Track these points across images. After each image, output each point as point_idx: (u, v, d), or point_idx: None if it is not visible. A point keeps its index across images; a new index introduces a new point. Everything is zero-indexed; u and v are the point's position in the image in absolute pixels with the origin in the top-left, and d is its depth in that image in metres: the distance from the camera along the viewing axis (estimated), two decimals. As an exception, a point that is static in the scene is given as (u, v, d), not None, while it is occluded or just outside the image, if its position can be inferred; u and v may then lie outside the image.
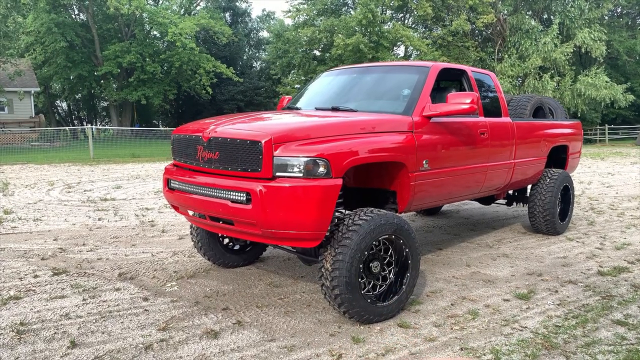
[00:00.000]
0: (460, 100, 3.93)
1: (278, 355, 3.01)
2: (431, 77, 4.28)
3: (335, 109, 4.26)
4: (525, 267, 4.84)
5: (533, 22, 29.14)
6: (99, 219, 7.03)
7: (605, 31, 29.66)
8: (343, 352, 3.05)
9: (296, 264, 4.87)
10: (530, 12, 31.04)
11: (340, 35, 27.19)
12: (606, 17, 33.48)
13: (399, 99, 4.30)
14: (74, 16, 35.98)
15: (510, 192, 6.42)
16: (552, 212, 5.87)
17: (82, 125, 42.20)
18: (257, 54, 51.99)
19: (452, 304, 3.85)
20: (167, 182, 3.98)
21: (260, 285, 4.26)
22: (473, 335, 3.30)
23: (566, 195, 6.28)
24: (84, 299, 3.90)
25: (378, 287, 3.54)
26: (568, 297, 4.03)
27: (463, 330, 3.39)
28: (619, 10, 36.37)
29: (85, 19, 34.88)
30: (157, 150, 21.13)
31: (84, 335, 3.26)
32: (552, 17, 30.24)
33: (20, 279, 4.39)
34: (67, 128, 31.88)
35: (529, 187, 6.20)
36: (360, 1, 27.31)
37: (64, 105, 48.22)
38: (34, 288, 4.14)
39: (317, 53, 31.69)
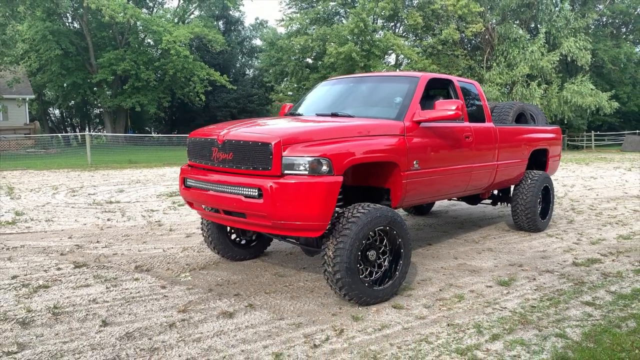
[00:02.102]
0: (446, 107, 4.38)
1: (287, 331, 3.43)
2: (420, 86, 4.75)
3: (334, 115, 4.71)
4: (507, 259, 5.30)
5: (521, 31, 29.90)
6: (108, 220, 7.40)
7: (591, 40, 30.55)
8: (344, 328, 3.47)
9: (298, 257, 5.29)
10: (517, 22, 31.81)
11: (332, 43, 27.74)
12: (591, 27, 34.41)
13: (391, 106, 4.76)
14: (68, 24, 36.28)
15: (495, 192, 6.90)
16: (533, 210, 6.35)
17: (75, 132, 42.36)
18: (250, 62, 52.53)
19: (440, 290, 4.30)
20: (183, 180, 4.39)
21: (267, 275, 4.68)
22: (458, 315, 3.74)
23: (547, 195, 6.77)
24: (107, 287, 4.29)
25: (374, 273, 3.98)
26: (544, 283, 4.48)
27: (450, 310, 3.83)
28: (604, 20, 37.40)
29: (79, 27, 35.19)
30: (153, 157, 21.47)
31: (112, 316, 3.66)
32: (539, 26, 31.03)
33: (45, 271, 4.77)
34: (60, 135, 32.04)
35: (512, 187, 6.68)
36: (352, 10, 27.95)
37: (57, 112, 48.36)
38: (59, 278, 4.52)
39: (310, 61, 32.23)
